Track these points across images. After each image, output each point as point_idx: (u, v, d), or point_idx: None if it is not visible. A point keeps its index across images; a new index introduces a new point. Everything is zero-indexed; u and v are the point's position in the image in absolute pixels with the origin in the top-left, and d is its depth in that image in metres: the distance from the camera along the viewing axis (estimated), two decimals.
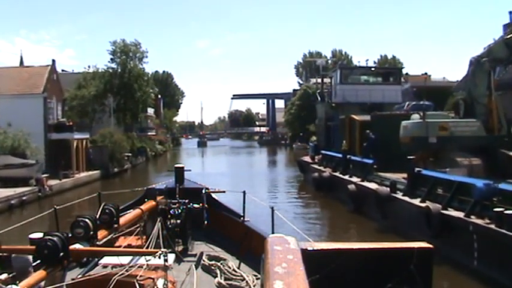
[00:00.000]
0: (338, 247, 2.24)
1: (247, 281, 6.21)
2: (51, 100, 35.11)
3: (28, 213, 20.74)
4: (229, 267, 6.68)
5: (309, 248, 2.12)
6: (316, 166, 28.42)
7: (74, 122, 48.67)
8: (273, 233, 6.28)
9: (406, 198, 14.93)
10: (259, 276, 5.52)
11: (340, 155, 24.02)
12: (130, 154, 47.92)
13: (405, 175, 18.22)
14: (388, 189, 16.26)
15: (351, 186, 19.73)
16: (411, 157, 15.65)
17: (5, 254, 4.74)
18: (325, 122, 32.45)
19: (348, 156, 22.88)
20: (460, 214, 11.86)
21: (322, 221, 20.01)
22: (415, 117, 18.41)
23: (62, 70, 70.37)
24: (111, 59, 54.22)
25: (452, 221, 12.05)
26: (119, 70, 53.51)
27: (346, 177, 21.86)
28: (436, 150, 17.38)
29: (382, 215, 15.97)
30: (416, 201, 14.24)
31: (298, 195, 27.24)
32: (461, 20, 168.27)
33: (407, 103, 25.42)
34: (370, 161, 19.83)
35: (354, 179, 20.76)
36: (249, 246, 7.32)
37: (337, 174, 23.50)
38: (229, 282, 6.26)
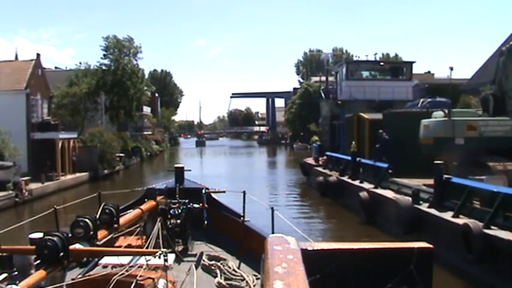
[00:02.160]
0: (338, 247, 2.25)
1: (247, 281, 6.17)
2: (35, 97, 32.66)
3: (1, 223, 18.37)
4: (229, 267, 6.65)
5: (309, 248, 2.14)
6: (320, 169, 25.98)
7: (64, 121, 46.79)
8: (273, 233, 6.18)
9: (434, 212, 12.50)
10: (259, 276, 5.49)
11: (348, 157, 21.58)
12: (123, 154, 45.52)
13: (425, 181, 15.95)
14: (410, 199, 13.83)
15: (363, 194, 17.29)
16: (440, 161, 13.16)
17: (5, 254, 4.66)
18: (330, 121, 29.98)
19: (358, 159, 20.46)
20: (511, 235, 9.46)
21: (330, 232, 17.59)
22: (438, 115, 16.01)
23: (56, 67, 68.61)
24: (104, 55, 52.05)
25: (501, 243, 9.61)
26: (112, 67, 51.23)
27: (356, 182, 19.43)
28: (462, 153, 15.03)
29: (404, 229, 13.54)
30: (448, 216, 11.81)
31: (301, 201, 24.78)
32: (462, 19, 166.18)
33: (421, 100, 23.03)
34: (385, 165, 17.40)
35: (366, 185, 18.35)
36: (249, 246, 7.32)
37: (345, 178, 21.07)
38: (229, 282, 6.24)
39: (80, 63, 53.70)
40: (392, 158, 18.20)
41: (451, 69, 23.65)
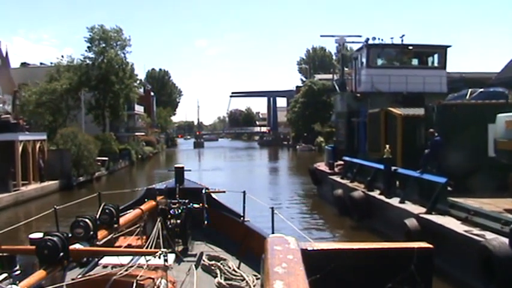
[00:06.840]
0: (338, 247, 2.26)
1: (247, 281, 6.15)
2: None
3: None
4: (229, 267, 6.64)
5: (309, 248, 2.13)
6: (337, 178, 20.58)
7: (45, 120, 41.93)
8: (273, 233, 6.16)
9: None
10: (259, 276, 5.53)
11: (379, 166, 16.20)
12: (106, 158, 40.20)
13: (501, 202, 10.89)
14: (506, 241, 8.48)
15: (411, 222, 11.92)
16: None
17: (5, 254, 4.69)
18: (346, 118, 24.55)
19: (394, 168, 15.13)
20: None
21: None
22: None
23: (41, 63, 63.59)
24: (88, 47, 46.88)
25: None
26: (98, 60, 46.14)
27: (394, 201, 14.05)
28: None
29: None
30: None
31: (313, 221, 19.22)
32: (465, 16, 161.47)
33: (469, 90, 17.71)
34: (442, 180, 12.02)
35: (410, 207, 13.03)
36: (249, 246, 7.31)
37: (376, 195, 15.68)
38: (229, 282, 6.22)
39: (62, 56, 48.59)
40: (443, 167, 13.03)
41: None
